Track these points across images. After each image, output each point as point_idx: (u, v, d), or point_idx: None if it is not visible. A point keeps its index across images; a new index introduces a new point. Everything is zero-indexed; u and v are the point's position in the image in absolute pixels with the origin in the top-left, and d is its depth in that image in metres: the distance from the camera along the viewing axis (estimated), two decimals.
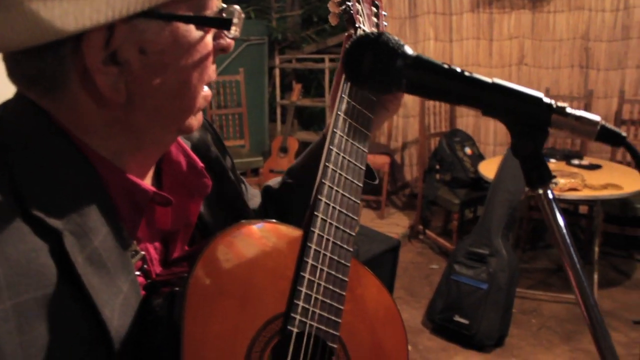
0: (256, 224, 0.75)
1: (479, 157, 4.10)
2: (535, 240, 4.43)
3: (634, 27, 4.32)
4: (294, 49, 6.16)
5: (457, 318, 3.01)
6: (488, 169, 3.42)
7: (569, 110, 0.56)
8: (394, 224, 4.41)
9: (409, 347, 3.05)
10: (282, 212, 0.99)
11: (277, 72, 6.02)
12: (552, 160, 3.69)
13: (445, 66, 0.60)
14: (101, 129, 0.66)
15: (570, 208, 4.50)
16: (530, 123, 0.57)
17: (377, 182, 0.95)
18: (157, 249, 0.78)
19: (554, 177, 0.59)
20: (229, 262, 0.70)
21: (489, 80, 0.59)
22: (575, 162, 3.62)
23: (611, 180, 3.26)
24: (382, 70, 0.61)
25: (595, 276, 3.43)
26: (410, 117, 4.98)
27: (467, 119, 4.83)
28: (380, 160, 4.37)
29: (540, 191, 0.58)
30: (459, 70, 0.60)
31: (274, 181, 1.05)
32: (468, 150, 4.07)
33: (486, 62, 4.70)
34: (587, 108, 4.35)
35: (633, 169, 3.93)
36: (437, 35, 4.90)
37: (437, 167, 4.07)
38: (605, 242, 4.32)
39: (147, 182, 0.75)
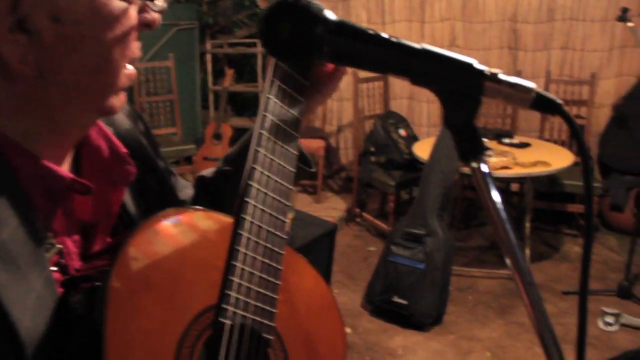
0: (184, 212, 0.71)
1: (413, 138, 4.14)
2: (470, 219, 4.54)
3: (557, 9, 4.46)
4: (225, 33, 6.03)
5: (396, 299, 3.04)
6: (422, 149, 3.45)
7: (502, 76, 0.54)
8: (331, 208, 4.41)
9: (349, 330, 3.04)
10: (217, 202, 0.95)
11: (208, 57, 5.89)
12: (484, 140, 3.75)
13: (371, 32, 0.56)
14: (9, 107, 0.60)
15: (502, 186, 4.62)
16: (462, 91, 0.55)
17: (314, 169, 0.93)
18: (76, 241, 0.72)
19: (488, 149, 0.57)
20: (155, 254, 0.65)
21: (418, 46, 0.56)
22: (506, 140, 3.71)
23: (540, 157, 3.36)
24: (301, 37, 0.57)
25: (527, 251, 3.55)
26: (344, 100, 4.98)
27: (401, 101, 4.87)
28: (315, 145, 4.35)
29: (474, 165, 0.56)
30: (385, 36, 0.56)
31: (208, 171, 1.00)
32: (402, 132, 4.10)
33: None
34: None
35: (560, 146, 4.08)
36: (370, 17, 4.90)
37: (372, 149, 4.08)
38: (535, 218, 4.48)
39: (64, 168, 0.68)
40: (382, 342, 2.99)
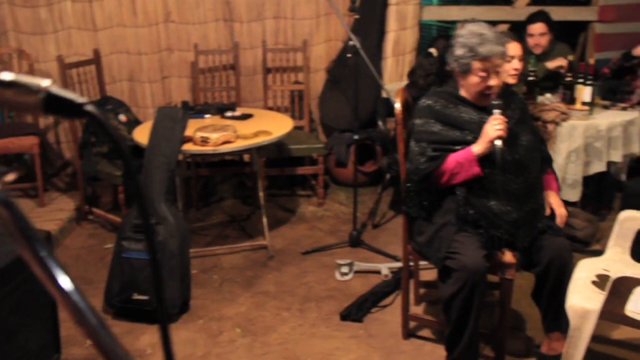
0: None
1: (135, 122, 3.90)
2: (208, 196, 4.49)
3: None
4: None
5: (136, 296, 2.85)
6: (143, 134, 3.25)
7: None
8: (58, 209, 3.98)
9: (90, 342, 2.74)
10: None
11: None
12: (207, 116, 3.69)
13: None
14: None
15: (236, 158, 4.65)
16: None
17: None
18: None
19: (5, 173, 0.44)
20: None
21: None
22: (229, 114, 3.69)
23: (262, 127, 3.40)
24: None
25: (264, 220, 3.59)
26: None
27: (121, 84, 4.56)
28: (27, 142, 3.85)
29: None
30: None
31: None
32: (122, 118, 3.84)
33: (132, 21, 4.46)
34: (235, 60, 4.48)
35: (283, 113, 4.21)
36: None
37: (93, 139, 3.75)
38: (271, 185, 4.61)
39: None
40: (129, 345, 2.79)
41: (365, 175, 4.45)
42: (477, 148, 2.22)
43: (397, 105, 2.40)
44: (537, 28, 3.99)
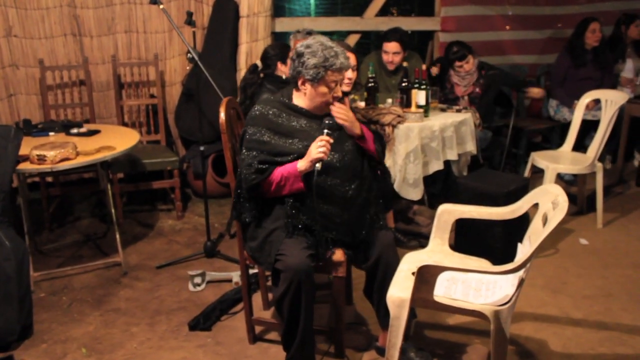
0: None
1: None
2: (64, 216, 4.35)
3: None
4: None
5: None
6: None
7: None
8: None
9: None
10: None
11: None
12: (51, 134, 3.59)
13: None
14: None
15: (93, 176, 4.54)
16: None
17: None
18: None
19: None
20: None
21: None
22: (74, 131, 3.60)
23: (107, 142, 3.35)
24: None
25: (117, 236, 3.53)
26: None
27: None
28: None
29: None
30: None
31: None
32: None
33: None
34: (87, 75, 4.38)
35: (138, 128, 4.17)
36: None
37: None
38: (131, 200, 4.55)
39: None
40: None
41: (224, 187, 4.49)
42: (301, 165, 2.30)
43: (222, 116, 2.47)
44: (392, 47, 4.20)
